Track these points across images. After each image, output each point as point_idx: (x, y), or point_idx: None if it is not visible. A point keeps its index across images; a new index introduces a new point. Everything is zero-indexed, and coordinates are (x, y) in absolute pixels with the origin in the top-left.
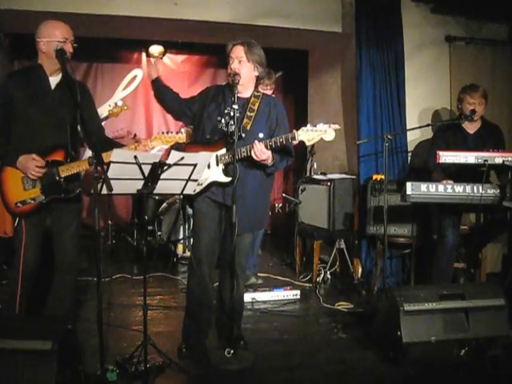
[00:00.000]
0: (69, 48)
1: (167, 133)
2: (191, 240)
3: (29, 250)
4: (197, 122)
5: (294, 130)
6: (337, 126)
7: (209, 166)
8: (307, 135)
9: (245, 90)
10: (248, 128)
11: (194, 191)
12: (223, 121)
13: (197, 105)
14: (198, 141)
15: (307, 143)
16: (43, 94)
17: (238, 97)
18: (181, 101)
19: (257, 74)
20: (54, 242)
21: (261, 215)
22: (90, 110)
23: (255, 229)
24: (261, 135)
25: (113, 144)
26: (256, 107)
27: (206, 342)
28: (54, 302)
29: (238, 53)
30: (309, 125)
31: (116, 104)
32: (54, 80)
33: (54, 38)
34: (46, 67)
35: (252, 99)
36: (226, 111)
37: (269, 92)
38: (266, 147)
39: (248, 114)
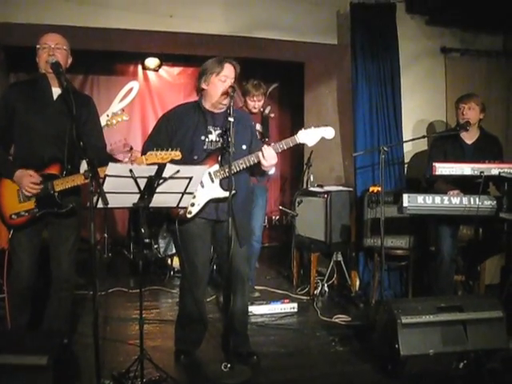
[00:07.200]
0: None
1: (162, 150)
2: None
3: (22, 263)
4: (181, 148)
5: (294, 135)
6: (330, 127)
7: (203, 186)
8: (308, 137)
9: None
10: (232, 141)
11: (190, 213)
12: (207, 140)
13: (168, 138)
14: (187, 164)
15: (309, 144)
16: (44, 105)
17: (214, 112)
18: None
19: None
20: (51, 256)
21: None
22: (91, 124)
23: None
24: (244, 147)
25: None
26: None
27: (197, 351)
28: (49, 318)
29: (233, 73)
30: (302, 129)
31: (114, 113)
32: (56, 91)
33: (38, 45)
34: (48, 78)
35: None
36: (208, 129)
37: (259, 104)
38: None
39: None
